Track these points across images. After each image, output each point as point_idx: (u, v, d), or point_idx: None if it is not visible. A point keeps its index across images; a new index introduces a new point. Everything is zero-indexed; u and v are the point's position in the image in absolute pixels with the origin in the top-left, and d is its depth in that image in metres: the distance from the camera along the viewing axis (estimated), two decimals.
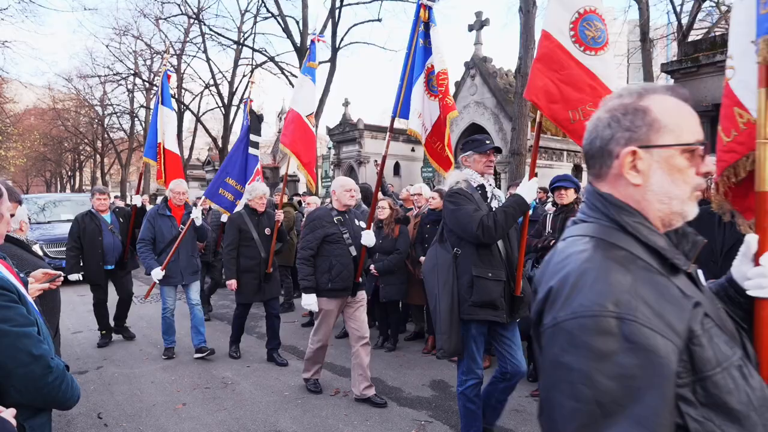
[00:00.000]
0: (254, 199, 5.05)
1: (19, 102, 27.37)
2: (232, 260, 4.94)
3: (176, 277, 5.17)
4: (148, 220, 5.25)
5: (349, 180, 4.23)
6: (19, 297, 1.52)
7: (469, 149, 3.18)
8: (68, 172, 42.69)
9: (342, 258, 3.97)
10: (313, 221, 4.04)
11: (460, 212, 2.94)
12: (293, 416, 3.84)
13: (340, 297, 4.02)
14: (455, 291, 2.94)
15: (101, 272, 5.70)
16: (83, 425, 3.74)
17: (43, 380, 1.51)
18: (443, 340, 2.94)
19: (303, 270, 3.99)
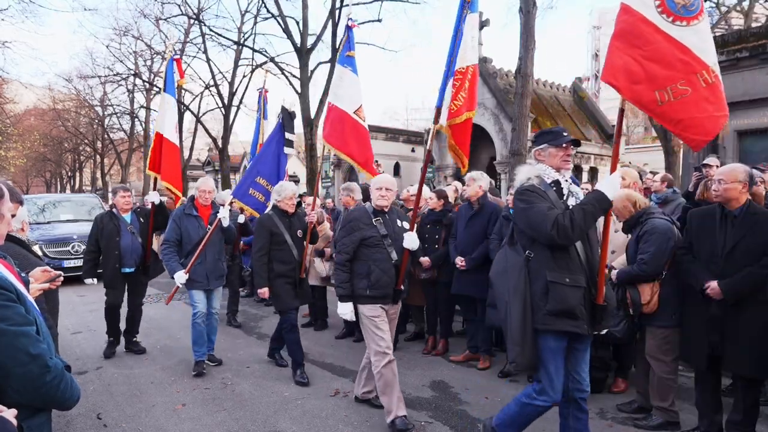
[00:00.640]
0: (284, 199, 4.66)
1: (19, 102, 27.37)
2: (263, 266, 4.52)
3: (202, 280, 4.83)
4: (174, 221, 4.92)
5: (383, 177, 3.88)
6: (17, 296, 1.52)
7: (544, 142, 2.86)
8: (68, 172, 42.71)
9: (382, 263, 3.62)
10: (350, 223, 3.71)
11: (532, 211, 2.66)
12: (293, 417, 3.84)
13: (379, 303, 3.66)
14: (528, 298, 2.66)
15: (117, 275, 5.29)
16: (83, 426, 3.73)
17: (41, 380, 1.51)
18: (516, 352, 2.67)
19: (338, 276, 3.69)
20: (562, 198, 2.79)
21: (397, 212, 3.96)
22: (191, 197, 5.08)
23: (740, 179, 3.07)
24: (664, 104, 2.58)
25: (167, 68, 6.04)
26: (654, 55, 2.58)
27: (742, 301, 3.03)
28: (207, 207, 5.05)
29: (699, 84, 2.54)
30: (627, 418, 3.71)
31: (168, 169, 5.70)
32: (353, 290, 3.65)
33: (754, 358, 2.98)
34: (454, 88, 3.73)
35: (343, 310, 3.69)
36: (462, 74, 3.75)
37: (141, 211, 5.62)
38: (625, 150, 16.51)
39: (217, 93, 20.33)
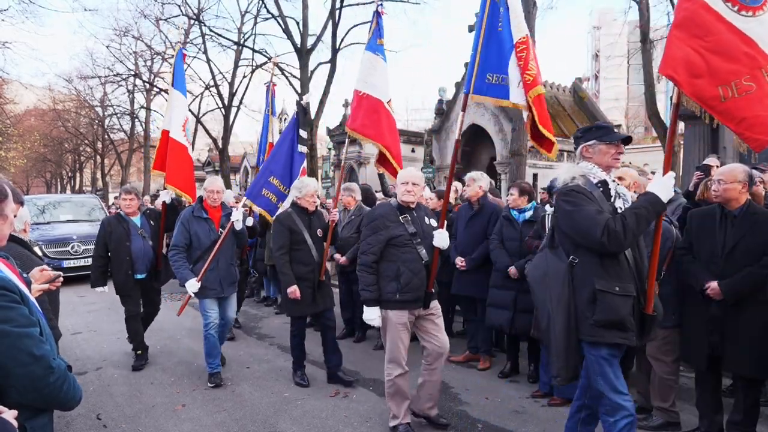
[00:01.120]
0: (304, 196, 4.39)
1: (19, 103, 27.36)
2: (286, 264, 4.30)
3: (215, 288, 4.52)
4: (183, 224, 4.56)
5: (409, 171, 3.66)
6: (21, 297, 1.52)
7: (592, 138, 2.63)
8: (68, 173, 42.72)
9: (411, 263, 3.38)
10: (375, 221, 3.46)
11: (579, 214, 2.45)
12: (293, 417, 3.83)
13: (409, 309, 3.44)
14: (572, 307, 2.46)
15: (130, 281, 4.95)
16: (82, 426, 3.73)
17: (44, 381, 1.50)
18: (559, 366, 2.49)
19: (364, 279, 3.43)
20: (610, 200, 2.56)
21: (425, 209, 3.73)
22: (200, 198, 4.77)
23: (740, 179, 3.07)
24: (727, 101, 2.38)
25: (176, 61, 5.59)
26: (717, 47, 2.39)
27: (742, 301, 3.03)
28: (217, 209, 4.73)
29: (764, 80, 2.36)
30: None
31: (174, 170, 5.29)
32: (380, 294, 3.41)
33: (754, 358, 2.98)
34: (521, 60, 3.43)
35: (369, 315, 3.44)
36: (524, 43, 3.48)
37: (151, 213, 5.31)
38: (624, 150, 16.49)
39: (217, 93, 20.34)
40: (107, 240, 4.95)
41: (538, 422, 3.73)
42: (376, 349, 5.51)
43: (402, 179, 3.56)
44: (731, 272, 3.04)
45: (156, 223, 5.19)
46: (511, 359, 4.74)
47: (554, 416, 3.81)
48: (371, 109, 4.52)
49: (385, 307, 3.42)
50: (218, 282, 4.53)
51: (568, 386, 3.92)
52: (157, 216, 5.25)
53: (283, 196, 4.95)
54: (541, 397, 4.13)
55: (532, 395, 4.19)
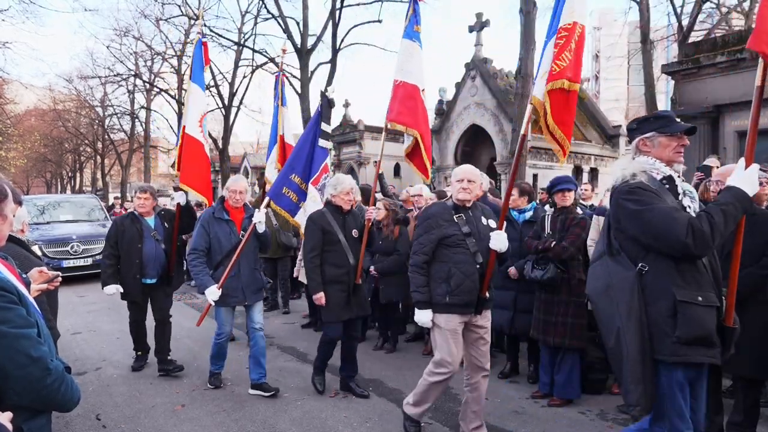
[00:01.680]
0: (339, 194, 4.10)
1: (19, 103, 27.39)
2: (315, 269, 4.02)
3: (237, 296, 4.21)
4: (202, 226, 4.25)
5: (465, 168, 3.41)
6: (19, 298, 1.52)
7: (651, 129, 2.35)
8: (69, 173, 42.74)
9: (464, 265, 3.20)
10: (428, 220, 3.32)
11: (652, 214, 2.15)
12: (292, 418, 3.83)
13: (460, 314, 3.24)
14: (645, 322, 2.15)
15: (138, 286, 4.70)
16: (82, 426, 3.73)
17: (42, 382, 1.50)
18: (637, 393, 2.13)
19: (415, 280, 3.29)
20: (677, 198, 2.29)
21: (482, 208, 3.47)
22: (221, 199, 4.42)
23: None
24: None
25: (194, 52, 5.18)
26: None
27: (742, 302, 3.01)
28: (239, 210, 4.38)
29: None
30: (627, 420, 3.70)
31: (189, 169, 4.90)
32: (431, 297, 3.25)
33: (754, 359, 2.98)
34: (556, 48, 3.13)
35: (421, 317, 3.27)
36: (568, 30, 3.13)
37: (165, 214, 5.00)
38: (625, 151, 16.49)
39: (218, 93, 20.36)
40: (119, 241, 4.70)
41: (537, 423, 3.72)
42: (376, 350, 5.51)
43: (457, 176, 3.33)
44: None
45: (170, 225, 4.88)
46: (510, 360, 4.74)
47: (554, 416, 3.81)
48: (407, 96, 4.30)
49: (434, 311, 3.25)
50: (240, 289, 4.21)
51: (568, 386, 3.96)
52: (172, 217, 4.93)
53: (304, 194, 4.62)
54: (541, 397, 4.13)
55: (532, 396, 4.19)
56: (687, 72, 8.22)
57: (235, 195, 4.31)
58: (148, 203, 4.79)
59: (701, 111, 7.63)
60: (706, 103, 7.65)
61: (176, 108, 23.05)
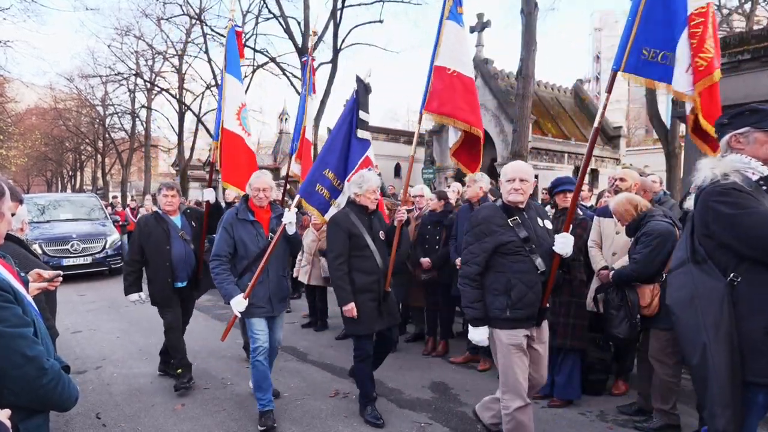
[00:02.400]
0: (365, 192, 3.73)
1: (20, 102, 27.42)
2: (344, 277, 3.62)
3: (264, 305, 3.72)
4: (225, 229, 3.74)
5: (516, 165, 3.08)
6: (15, 297, 1.51)
7: (746, 124, 2.15)
8: (69, 171, 42.78)
9: (525, 275, 2.86)
10: (478, 226, 2.95)
11: (750, 218, 1.95)
12: (293, 418, 3.83)
13: (522, 328, 2.92)
14: (736, 339, 1.96)
15: (169, 291, 4.34)
16: (81, 425, 3.73)
17: (38, 382, 1.50)
18: (727, 417, 1.97)
19: (467, 294, 2.95)
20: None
21: (536, 208, 3.13)
22: (244, 198, 3.95)
23: None
24: None
25: (228, 40, 4.77)
26: None
27: None
28: (265, 209, 3.89)
29: None
30: (627, 420, 3.70)
31: (230, 166, 4.58)
32: (487, 311, 2.92)
33: None
34: (694, 38, 2.79)
35: (477, 336, 2.94)
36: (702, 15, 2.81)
37: (192, 212, 4.65)
38: (625, 152, 16.51)
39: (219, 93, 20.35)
40: (144, 243, 4.34)
41: (537, 423, 3.71)
42: None
43: (507, 175, 2.99)
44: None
45: (198, 225, 4.55)
46: None
47: (554, 417, 3.81)
48: (450, 85, 3.91)
49: (493, 326, 2.92)
50: (267, 298, 3.73)
51: (568, 387, 3.95)
52: (199, 216, 4.60)
53: (337, 192, 4.17)
54: (541, 398, 4.12)
55: (532, 396, 4.18)
56: None
57: (259, 193, 3.81)
58: (175, 201, 4.43)
59: None
60: None
61: (177, 107, 23.09)
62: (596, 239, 4.15)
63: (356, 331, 3.70)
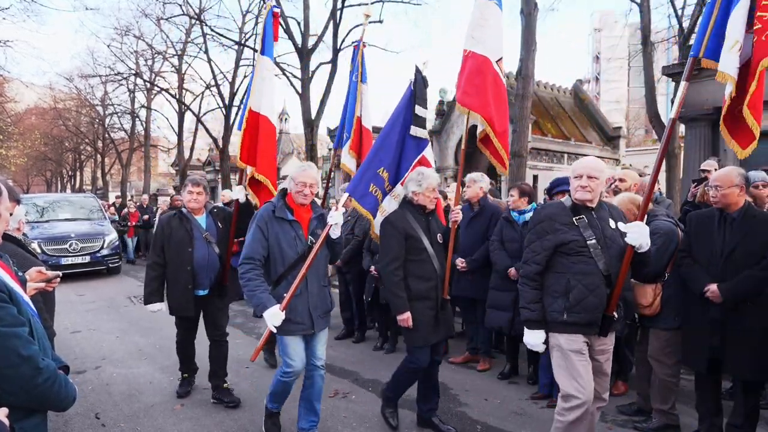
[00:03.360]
0: (424, 191, 3.39)
1: (20, 101, 27.40)
2: (400, 283, 3.30)
3: (302, 321, 3.19)
4: (259, 228, 3.18)
5: (586, 161, 2.86)
6: (10, 296, 1.51)
7: None
8: (69, 171, 42.78)
9: (586, 277, 2.68)
10: (540, 223, 2.82)
11: None
12: (292, 418, 3.82)
13: (581, 334, 2.72)
14: None
15: (189, 299, 3.90)
16: (81, 425, 3.72)
17: (33, 381, 1.50)
18: None
19: (525, 294, 2.82)
20: None
21: (609, 209, 2.92)
22: (282, 192, 3.38)
23: (736, 183, 3.07)
24: None
25: (265, 22, 4.34)
26: None
27: (743, 304, 3.03)
28: (306, 208, 3.34)
29: None
30: (626, 421, 3.71)
31: (265, 158, 4.11)
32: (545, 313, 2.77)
33: (754, 362, 2.97)
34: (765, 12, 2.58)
35: (532, 339, 2.78)
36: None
37: (218, 212, 4.15)
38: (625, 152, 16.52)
39: (218, 93, 20.37)
40: (165, 245, 3.94)
41: (537, 424, 3.72)
42: (375, 350, 5.51)
43: (575, 171, 2.81)
44: (730, 275, 3.03)
45: (224, 226, 4.07)
46: (510, 361, 4.73)
47: (553, 417, 3.80)
48: (474, 71, 3.58)
49: (550, 330, 2.77)
50: (306, 312, 3.21)
51: None
52: (226, 216, 4.13)
53: (385, 193, 3.79)
54: (541, 398, 4.13)
55: (532, 397, 4.18)
56: None
57: (305, 188, 3.25)
58: (201, 198, 3.99)
59: (702, 113, 7.62)
60: (707, 105, 7.64)
61: (176, 107, 23.08)
62: None
63: (414, 342, 3.40)
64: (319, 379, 3.38)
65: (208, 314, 4.09)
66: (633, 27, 16.37)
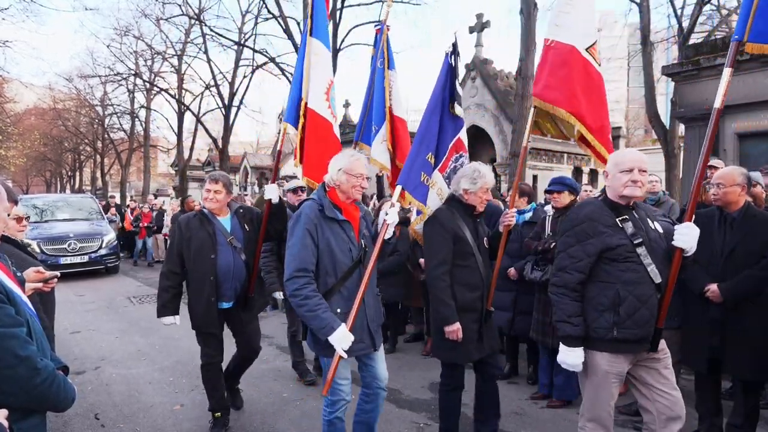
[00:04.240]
0: (478, 190, 3.08)
1: (19, 102, 27.39)
2: (447, 289, 2.97)
3: (362, 339, 2.72)
4: (308, 231, 2.62)
5: (631, 155, 2.53)
6: (7, 297, 1.51)
7: None
8: (68, 172, 42.77)
9: (637, 287, 2.35)
10: (580, 225, 2.45)
11: None
12: (291, 418, 3.82)
13: (630, 353, 2.41)
14: None
15: (212, 313, 3.41)
16: (80, 426, 3.72)
17: (31, 382, 1.49)
18: None
19: (564, 307, 2.43)
20: None
21: (645, 208, 2.62)
22: (322, 187, 2.83)
23: (738, 182, 3.07)
24: None
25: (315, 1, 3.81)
26: None
27: (743, 304, 3.03)
28: (354, 206, 2.86)
29: None
30: (626, 420, 3.70)
31: (314, 157, 3.64)
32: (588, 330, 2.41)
33: (754, 362, 2.97)
34: None
35: (571, 359, 2.39)
36: None
37: (245, 213, 3.63)
38: None
39: (218, 93, 20.38)
40: (183, 249, 3.44)
41: (537, 424, 3.72)
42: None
43: (623, 164, 2.44)
44: (731, 275, 3.03)
45: (251, 228, 3.58)
46: (510, 360, 4.73)
47: (553, 418, 3.80)
48: (559, 62, 3.17)
49: (592, 348, 2.41)
50: (365, 328, 2.75)
51: (567, 388, 3.95)
52: (254, 218, 3.64)
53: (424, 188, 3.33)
54: (540, 398, 4.13)
55: (531, 397, 4.18)
56: (687, 74, 8.21)
57: (359, 180, 2.76)
58: (220, 197, 3.45)
59: (701, 113, 7.61)
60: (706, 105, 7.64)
61: (176, 107, 23.07)
62: None
63: (451, 358, 3.07)
64: (382, 400, 2.94)
65: (236, 331, 3.64)
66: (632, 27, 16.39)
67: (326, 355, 2.66)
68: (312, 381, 4.49)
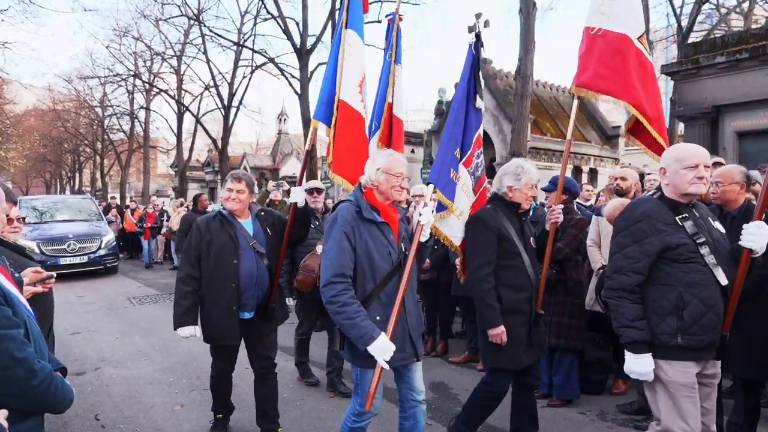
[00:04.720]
0: (522, 187, 2.95)
1: (19, 103, 27.43)
2: (491, 291, 2.85)
3: (403, 348, 2.55)
4: (345, 234, 2.47)
5: (694, 150, 2.33)
6: (5, 298, 1.51)
7: None
8: (68, 173, 42.81)
9: (703, 290, 2.20)
10: (638, 222, 2.28)
11: None
12: (292, 418, 3.82)
13: (696, 360, 2.23)
14: None
15: (234, 324, 3.17)
16: (80, 427, 3.72)
17: (29, 384, 1.49)
18: None
19: (625, 311, 2.26)
20: None
21: (704, 207, 2.46)
22: (359, 188, 2.68)
23: (737, 180, 3.07)
24: None
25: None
26: None
27: (743, 303, 3.02)
28: (392, 206, 2.69)
29: None
30: (627, 420, 3.70)
31: (344, 153, 3.41)
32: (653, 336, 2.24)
33: (755, 360, 2.97)
34: None
35: (641, 367, 2.22)
36: None
37: (267, 215, 3.40)
38: (624, 152, 16.52)
39: (217, 94, 20.40)
40: (203, 255, 3.17)
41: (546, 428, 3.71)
42: None
43: (687, 160, 2.26)
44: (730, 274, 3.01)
45: (273, 232, 3.33)
46: None
47: (553, 417, 3.80)
48: (611, 51, 3.03)
49: (657, 356, 2.23)
50: (407, 337, 2.58)
51: (566, 387, 3.95)
52: (277, 221, 3.41)
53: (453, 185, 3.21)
54: (541, 398, 4.11)
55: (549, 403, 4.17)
56: (686, 72, 8.21)
57: (399, 180, 2.60)
58: (243, 197, 3.21)
59: (700, 111, 7.62)
60: (706, 104, 7.64)
61: (175, 108, 23.08)
62: (595, 238, 4.15)
63: (500, 364, 2.91)
64: (421, 416, 2.71)
65: (252, 342, 3.36)
66: None
67: (364, 366, 2.52)
68: (314, 382, 4.49)
